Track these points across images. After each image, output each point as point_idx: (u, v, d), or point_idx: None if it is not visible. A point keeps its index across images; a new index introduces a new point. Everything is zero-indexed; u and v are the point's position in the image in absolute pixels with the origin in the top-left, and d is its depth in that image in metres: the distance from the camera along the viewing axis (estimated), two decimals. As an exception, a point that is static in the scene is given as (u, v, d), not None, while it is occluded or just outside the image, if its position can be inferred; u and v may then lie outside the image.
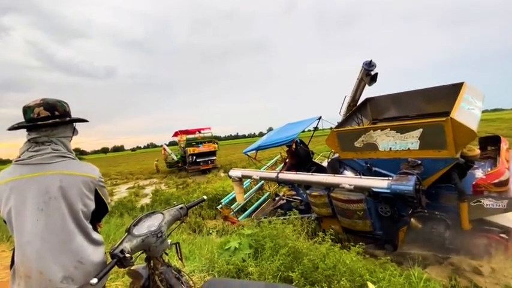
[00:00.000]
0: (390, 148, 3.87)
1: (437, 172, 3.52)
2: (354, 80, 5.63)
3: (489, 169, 3.85)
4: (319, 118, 5.75)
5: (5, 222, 1.24)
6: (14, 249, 1.25)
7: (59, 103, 1.36)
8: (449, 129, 3.25)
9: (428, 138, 3.48)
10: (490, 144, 4.48)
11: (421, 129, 3.53)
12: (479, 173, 3.81)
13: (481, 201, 3.38)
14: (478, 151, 3.74)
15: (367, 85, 5.57)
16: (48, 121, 1.29)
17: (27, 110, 1.29)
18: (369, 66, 5.27)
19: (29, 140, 1.29)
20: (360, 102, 5.79)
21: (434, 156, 3.46)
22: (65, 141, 1.37)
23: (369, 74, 5.38)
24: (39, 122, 1.28)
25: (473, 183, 3.54)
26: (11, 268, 1.27)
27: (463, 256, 3.48)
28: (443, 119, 3.28)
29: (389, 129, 3.83)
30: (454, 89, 4.13)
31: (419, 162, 3.53)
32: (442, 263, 3.55)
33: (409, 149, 3.67)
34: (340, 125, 5.14)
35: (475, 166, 3.88)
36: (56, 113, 1.33)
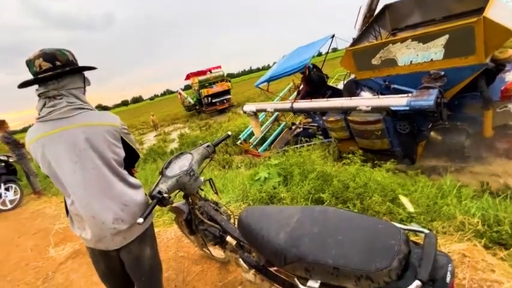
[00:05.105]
0: (411, 61, 3.60)
1: (463, 81, 3.29)
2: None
3: None
4: (332, 37, 5.19)
5: (47, 177, 1.29)
6: (64, 199, 1.34)
7: (58, 52, 1.25)
8: (480, 31, 2.89)
9: (454, 45, 3.14)
10: None
11: (447, 36, 3.17)
12: (510, 76, 3.52)
13: (508, 107, 3.24)
14: (511, 52, 3.38)
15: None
16: (49, 73, 1.20)
17: (29, 63, 1.22)
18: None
19: (39, 96, 1.23)
20: (377, 11, 5.14)
21: (460, 64, 3.19)
22: (76, 93, 1.29)
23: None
24: (40, 76, 1.19)
25: (502, 88, 3.32)
26: (67, 215, 1.38)
27: (482, 164, 3.51)
28: (474, 19, 2.89)
29: (410, 40, 3.49)
30: None
31: (443, 73, 3.30)
32: (461, 171, 3.62)
33: (431, 60, 3.39)
34: (356, 41, 4.67)
35: (506, 69, 3.56)
36: (58, 63, 1.23)
